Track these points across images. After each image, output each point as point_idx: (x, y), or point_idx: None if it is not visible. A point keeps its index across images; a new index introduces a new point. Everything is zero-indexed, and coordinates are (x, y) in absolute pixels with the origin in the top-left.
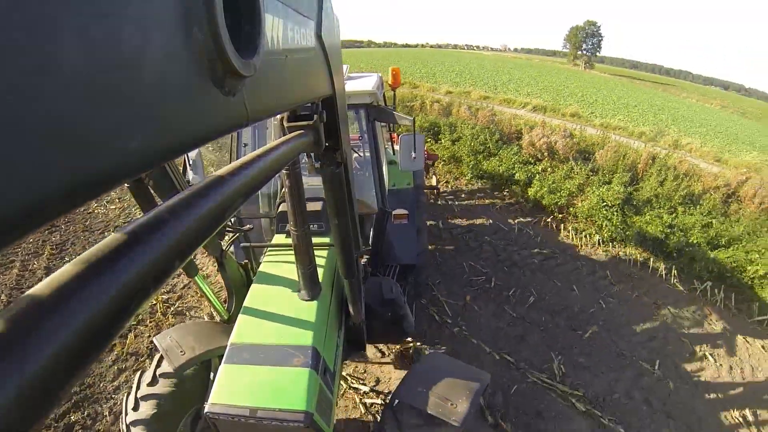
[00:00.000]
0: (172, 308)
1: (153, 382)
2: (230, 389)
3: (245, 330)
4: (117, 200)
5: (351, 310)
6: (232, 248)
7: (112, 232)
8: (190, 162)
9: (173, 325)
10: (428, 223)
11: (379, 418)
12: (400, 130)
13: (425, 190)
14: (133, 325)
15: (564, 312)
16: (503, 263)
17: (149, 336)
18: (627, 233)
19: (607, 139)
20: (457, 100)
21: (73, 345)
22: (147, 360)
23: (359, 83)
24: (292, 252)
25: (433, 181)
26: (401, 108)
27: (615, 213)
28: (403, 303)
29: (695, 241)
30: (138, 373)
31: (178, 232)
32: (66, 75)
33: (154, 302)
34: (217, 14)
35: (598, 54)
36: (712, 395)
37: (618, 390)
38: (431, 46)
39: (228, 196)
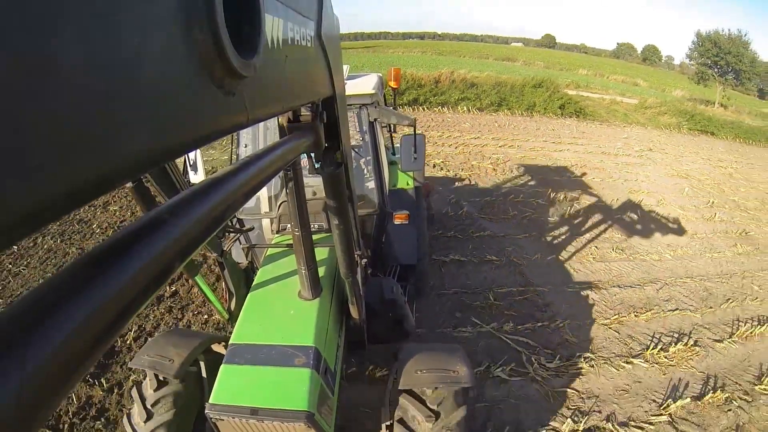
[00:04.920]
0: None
1: (149, 417)
2: (231, 389)
3: (246, 330)
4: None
5: (351, 309)
6: (232, 248)
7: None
8: (190, 162)
9: None
10: None
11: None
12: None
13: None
14: None
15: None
16: None
17: None
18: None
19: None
20: None
21: (73, 345)
22: None
23: (359, 83)
24: (293, 252)
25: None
26: None
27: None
28: (403, 303)
29: (429, 96)
30: (126, 415)
31: (178, 232)
32: (66, 75)
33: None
34: (217, 14)
35: None
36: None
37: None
38: None
39: (228, 196)
